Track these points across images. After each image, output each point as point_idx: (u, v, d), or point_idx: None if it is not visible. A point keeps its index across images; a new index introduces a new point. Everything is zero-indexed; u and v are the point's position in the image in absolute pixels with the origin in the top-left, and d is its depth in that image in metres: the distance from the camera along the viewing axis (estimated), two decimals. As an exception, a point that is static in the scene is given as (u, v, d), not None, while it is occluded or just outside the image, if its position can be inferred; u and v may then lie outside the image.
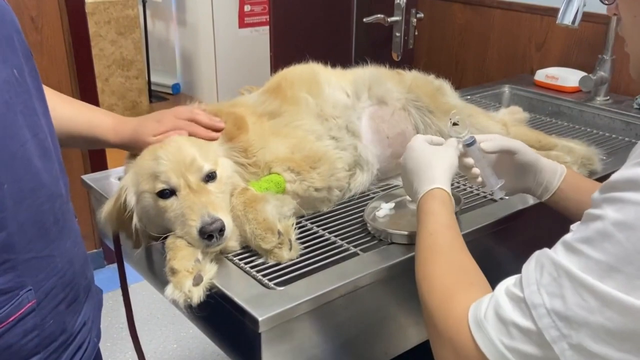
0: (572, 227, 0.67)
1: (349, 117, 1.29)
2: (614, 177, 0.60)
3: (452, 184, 1.31)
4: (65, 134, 1.08)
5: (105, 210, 1.06)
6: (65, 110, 1.10)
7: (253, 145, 1.13)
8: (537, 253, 0.66)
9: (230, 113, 1.16)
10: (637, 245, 0.54)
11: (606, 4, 0.87)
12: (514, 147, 1.04)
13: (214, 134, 1.10)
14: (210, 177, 1.03)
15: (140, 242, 1.07)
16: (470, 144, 1.01)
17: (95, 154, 2.75)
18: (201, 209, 0.96)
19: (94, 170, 2.60)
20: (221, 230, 0.95)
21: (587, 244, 0.58)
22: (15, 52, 0.78)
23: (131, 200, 1.04)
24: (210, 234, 0.94)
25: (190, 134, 1.08)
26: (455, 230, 0.87)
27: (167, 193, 1.00)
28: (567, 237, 0.62)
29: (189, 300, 0.90)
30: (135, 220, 1.04)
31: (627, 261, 0.55)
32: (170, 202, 1.00)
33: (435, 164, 0.97)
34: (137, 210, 1.04)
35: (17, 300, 0.76)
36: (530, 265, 0.65)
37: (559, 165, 1.08)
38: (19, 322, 0.77)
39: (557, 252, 0.61)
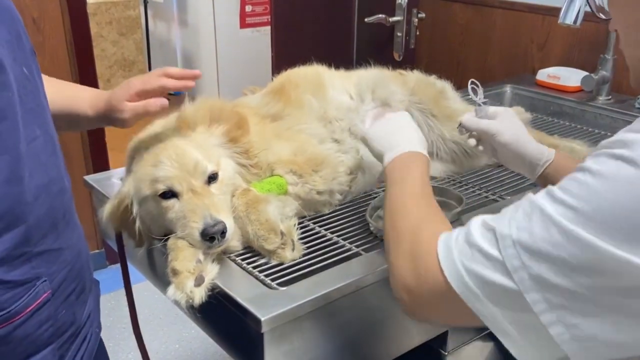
0: None
1: (352, 119, 1.29)
2: (604, 141, 0.63)
3: (454, 184, 1.32)
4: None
5: (106, 213, 1.07)
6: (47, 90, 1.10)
7: (255, 146, 1.13)
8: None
9: (232, 113, 1.15)
10: (607, 193, 0.58)
11: (603, 17, 0.88)
12: (493, 129, 1.11)
13: (189, 83, 1.05)
14: (212, 178, 1.03)
15: (143, 241, 1.08)
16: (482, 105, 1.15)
17: (97, 154, 2.75)
18: (203, 211, 0.96)
19: (95, 171, 2.60)
20: (223, 232, 0.95)
21: (562, 189, 0.62)
22: (23, 50, 0.80)
23: (134, 207, 1.05)
24: (212, 235, 0.95)
25: (161, 87, 1.04)
26: (427, 182, 0.92)
27: (169, 194, 1.00)
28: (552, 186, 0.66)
29: (190, 301, 0.90)
30: (138, 223, 1.05)
31: (594, 206, 0.58)
32: (172, 203, 1.00)
33: (401, 130, 1.05)
34: (140, 213, 1.05)
35: (34, 291, 0.79)
36: (510, 206, 0.69)
37: (546, 150, 1.10)
38: (36, 312, 0.80)
39: (537, 195, 0.65)
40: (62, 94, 1.10)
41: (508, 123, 1.12)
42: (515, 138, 1.10)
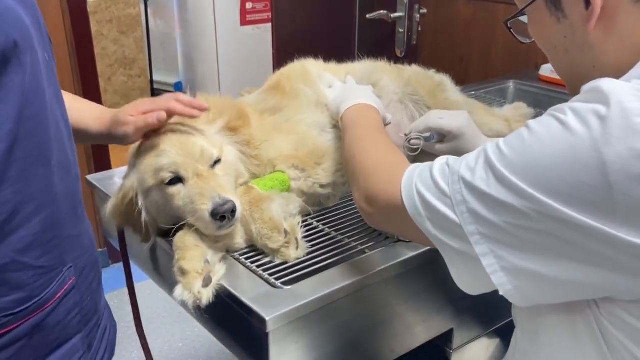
0: None
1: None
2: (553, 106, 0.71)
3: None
4: None
5: (110, 209, 1.06)
6: None
7: (255, 138, 1.13)
8: None
9: (232, 106, 1.16)
10: (535, 148, 0.66)
11: (523, 43, 0.96)
12: (446, 128, 1.17)
13: (194, 112, 1.05)
14: (216, 162, 1.03)
15: (150, 235, 1.07)
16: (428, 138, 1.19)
17: (98, 154, 2.75)
18: (211, 192, 0.96)
19: (97, 170, 2.60)
20: (233, 211, 0.95)
21: (506, 141, 0.71)
22: (44, 35, 0.81)
23: (139, 199, 1.03)
24: (222, 215, 0.94)
25: (168, 110, 1.04)
26: (382, 127, 1.05)
27: (174, 181, 1.00)
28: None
29: (198, 301, 0.90)
30: (144, 215, 1.04)
31: (524, 157, 0.67)
32: (178, 189, 0.99)
33: (357, 90, 1.19)
34: (146, 205, 1.04)
35: (62, 278, 0.81)
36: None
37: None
38: (64, 298, 0.82)
39: (489, 143, 0.73)
40: (68, 105, 1.11)
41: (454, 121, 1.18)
42: (472, 134, 1.18)
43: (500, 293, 0.71)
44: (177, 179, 1.00)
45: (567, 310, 0.75)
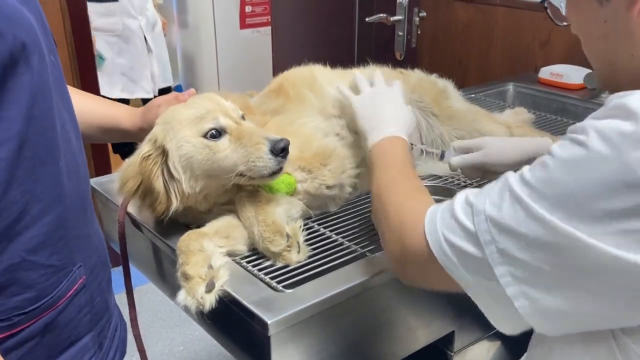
0: None
1: (350, 116, 1.28)
2: (571, 125, 0.68)
3: (456, 183, 1.31)
4: (82, 123, 1.11)
5: (124, 169, 1.02)
6: (84, 101, 1.15)
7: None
8: None
9: (237, 97, 1.18)
10: (564, 176, 0.63)
11: (558, 25, 0.92)
12: (479, 162, 1.11)
13: None
14: (243, 119, 1.05)
15: (169, 203, 1.00)
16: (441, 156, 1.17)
17: (99, 157, 2.75)
18: (261, 133, 0.98)
19: (97, 174, 2.60)
20: (286, 148, 0.97)
21: (531, 171, 0.67)
22: (49, 37, 0.82)
23: (169, 147, 0.99)
24: (283, 148, 0.96)
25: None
26: (410, 164, 0.97)
27: (217, 133, 0.99)
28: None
29: (201, 307, 0.90)
30: (172, 169, 0.99)
31: (553, 187, 0.63)
32: (222, 142, 0.99)
33: (387, 109, 1.08)
34: (176, 159, 0.99)
35: (72, 276, 0.82)
36: (492, 182, 0.73)
37: (541, 142, 1.11)
38: (75, 297, 0.82)
39: (513, 174, 0.70)
40: (100, 106, 1.19)
41: (491, 145, 1.12)
42: (506, 154, 1.11)
43: (536, 331, 0.70)
44: (219, 132, 0.99)
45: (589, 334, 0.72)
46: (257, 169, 0.98)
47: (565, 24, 0.86)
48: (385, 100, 1.11)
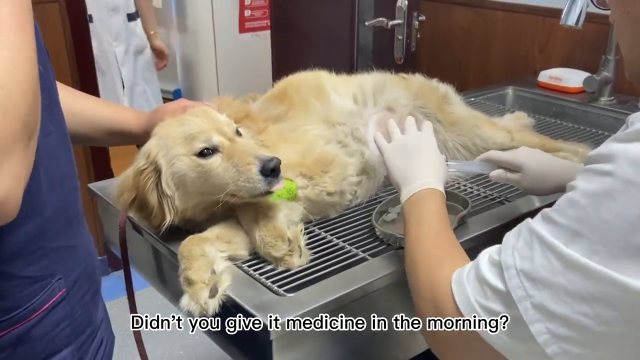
0: None
1: (354, 123, 1.28)
2: (591, 152, 0.63)
3: (459, 187, 1.32)
4: (90, 126, 1.10)
5: (119, 182, 1.03)
6: (91, 104, 1.15)
7: (259, 137, 1.14)
8: (521, 223, 0.68)
9: (238, 105, 1.19)
10: (599, 212, 0.57)
11: (601, 8, 0.87)
12: (514, 182, 1.08)
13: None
14: (238, 133, 1.04)
15: (163, 216, 1.01)
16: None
17: (99, 162, 2.75)
18: (253, 152, 0.97)
19: (97, 179, 2.60)
20: (277, 168, 0.95)
21: (557, 211, 0.61)
22: (40, 46, 0.80)
23: (162, 164, 0.99)
24: (272, 169, 0.94)
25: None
26: (444, 217, 0.90)
27: (209, 152, 0.98)
28: (547, 208, 0.65)
29: (204, 312, 0.90)
30: (164, 186, 0.99)
31: (588, 227, 0.57)
32: (214, 160, 0.98)
33: (419, 158, 1.01)
34: (168, 176, 1.00)
35: (50, 289, 0.79)
36: (511, 233, 0.68)
37: (572, 167, 1.07)
38: (52, 310, 0.80)
39: (534, 220, 0.65)
40: (106, 109, 1.17)
41: (527, 168, 1.06)
42: (544, 181, 1.06)
43: None
44: (212, 150, 0.98)
45: None
46: (246, 190, 0.97)
47: (603, 8, 0.82)
48: (416, 148, 1.03)
